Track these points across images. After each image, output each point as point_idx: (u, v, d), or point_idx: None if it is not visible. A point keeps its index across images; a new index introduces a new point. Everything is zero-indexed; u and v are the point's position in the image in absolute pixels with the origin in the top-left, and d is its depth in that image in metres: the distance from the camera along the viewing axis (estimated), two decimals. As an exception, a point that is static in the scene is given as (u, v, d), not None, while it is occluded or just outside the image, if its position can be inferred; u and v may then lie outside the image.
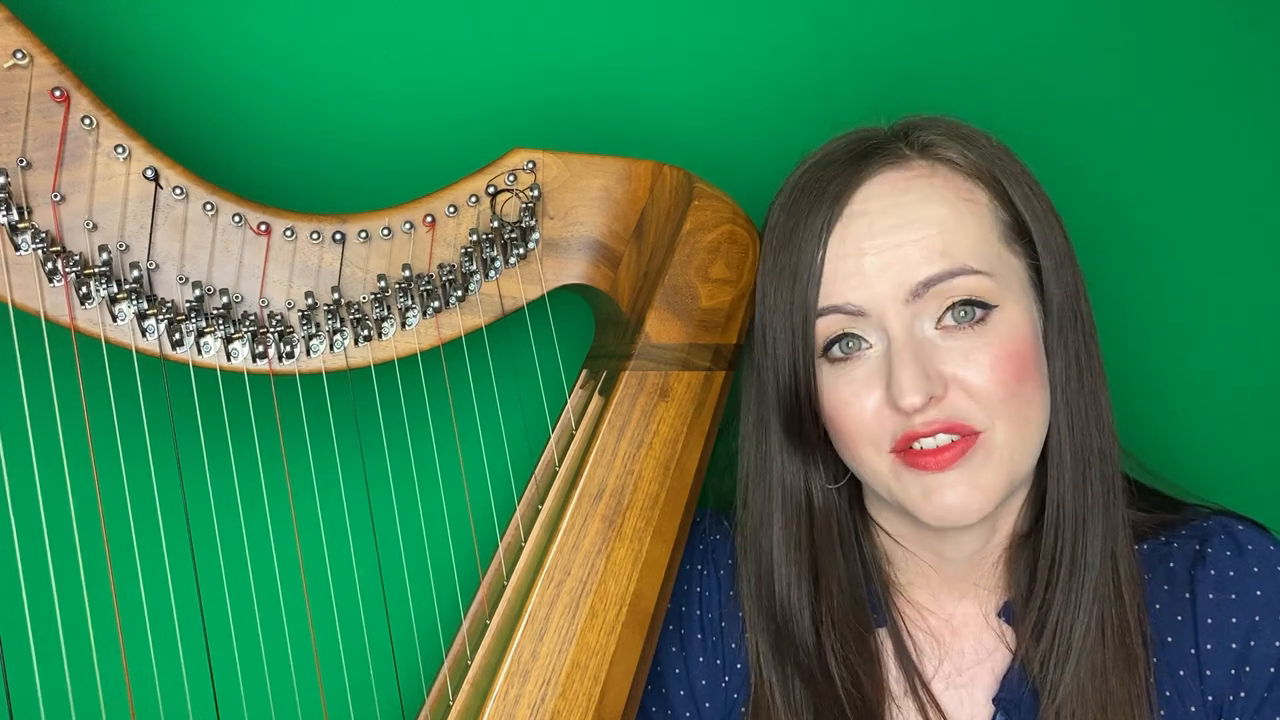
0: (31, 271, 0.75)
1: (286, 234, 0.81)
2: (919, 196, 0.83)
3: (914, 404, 0.80)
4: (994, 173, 0.85)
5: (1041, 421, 0.85)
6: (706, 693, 0.94)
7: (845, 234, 0.83)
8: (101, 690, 0.79)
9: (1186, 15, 1.19)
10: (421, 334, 0.85)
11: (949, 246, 0.82)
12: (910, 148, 0.86)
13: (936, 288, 0.81)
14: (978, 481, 0.81)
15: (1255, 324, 1.22)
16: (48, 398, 0.75)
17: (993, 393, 0.81)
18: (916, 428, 0.81)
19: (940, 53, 1.15)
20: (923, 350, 0.81)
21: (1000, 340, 0.82)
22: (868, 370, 0.83)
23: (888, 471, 0.84)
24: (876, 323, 0.83)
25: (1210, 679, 0.85)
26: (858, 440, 0.84)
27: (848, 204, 0.84)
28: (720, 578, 0.95)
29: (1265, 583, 0.86)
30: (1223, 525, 0.89)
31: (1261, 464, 1.23)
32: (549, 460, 0.93)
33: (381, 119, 1.00)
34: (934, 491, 0.82)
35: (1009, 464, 0.82)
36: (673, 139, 1.07)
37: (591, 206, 0.90)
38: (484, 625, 0.89)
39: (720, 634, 0.94)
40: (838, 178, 0.85)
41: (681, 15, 1.08)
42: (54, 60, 0.74)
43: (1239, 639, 0.85)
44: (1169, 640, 0.87)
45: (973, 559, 0.90)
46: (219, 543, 0.87)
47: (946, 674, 0.90)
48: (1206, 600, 0.86)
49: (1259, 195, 1.22)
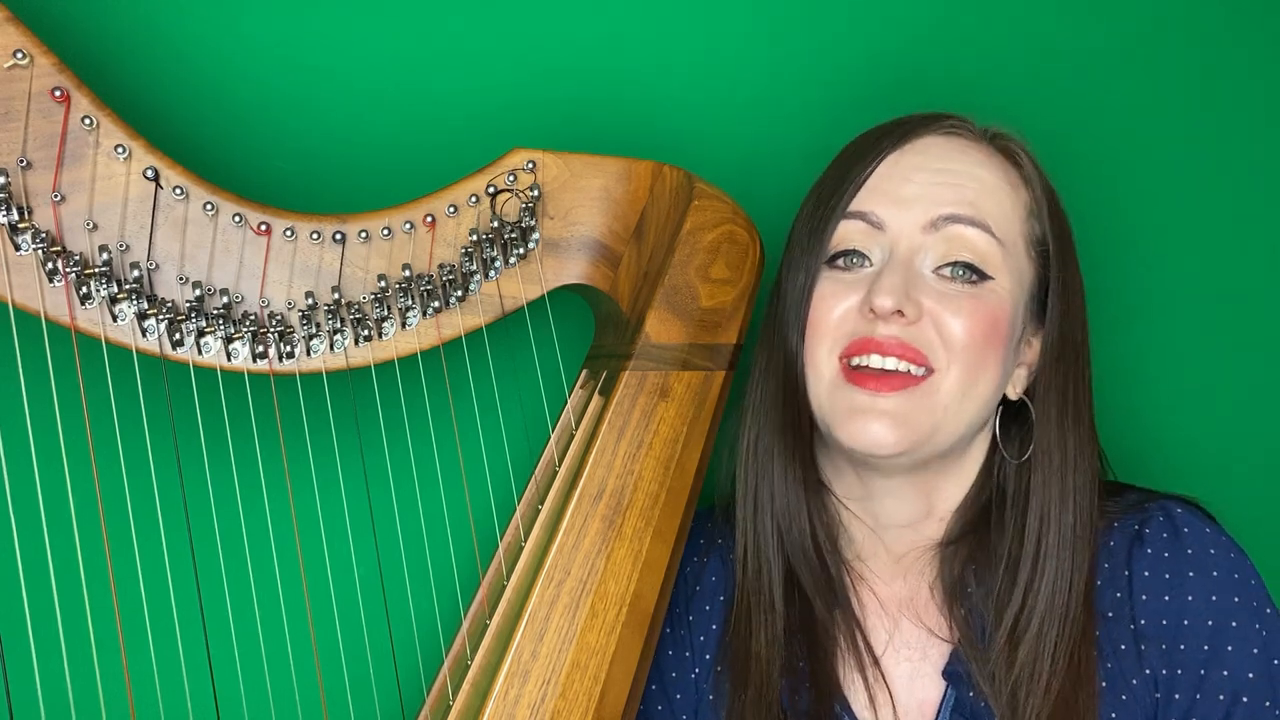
0: (31, 271, 0.75)
1: (286, 234, 0.81)
2: (974, 160, 0.90)
3: (884, 306, 0.84)
4: (1046, 191, 0.92)
5: (986, 395, 0.88)
6: (677, 685, 0.95)
7: (899, 161, 0.89)
8: (101, 690, 0.79)
9: (1191, 17, 1.19)
10: (421, 334, 0.85)
11: (980, 200, 0.88)
12: (985, 138, 0.93)
13: (952, 228, 0.87)
14: (906, 418, 0.85)
15: (1255, 327, 1.22)
16: (48, 398, 0.75)
17: (960, 340, 0.85)
18: (876, 335, 0.85)
19: (942, 54, 1.15)
20: (913, 275, 0.87)
21: (984, 303, 0.87)
22: (857, 277, 0.89)
23: (829, 380, 0.88)
24: (889, 240, 0.88)
25: (1146, 654, 0.87)
26: (818, 333, 0.88)
27: (911, 142, 0.90)
28: (686, 574, 0.97)
29: (1197, 564, 0.87)
30: (1162, 508, 0.91)
31: (1256, 467, 1.23)
32: (549, 460, 0.93)
33: (381, 119, 1.00)
34: (859, 413, 0.85)
35: (940, 415, 0.86)
36: (673, 139, 1.07)
37: (591, 206, 0.90)
38: (484, 625, 0.89)
39: (688, 628, 0.96)
40: (911, 122, 0.92)
41: (682, 16, 1.08)
42: (54, 60, 0.74)
43: (1171, 617, 0.87)
44: (1109, 615, 0.88)
45: (907, 540, 0.93)
46: (219, 543, 0.87)
47: (896, 646, 0.92)
48: (1142, 578, 0.88)
49: (1264, 198, 1.22)
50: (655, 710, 0.95)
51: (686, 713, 0.94)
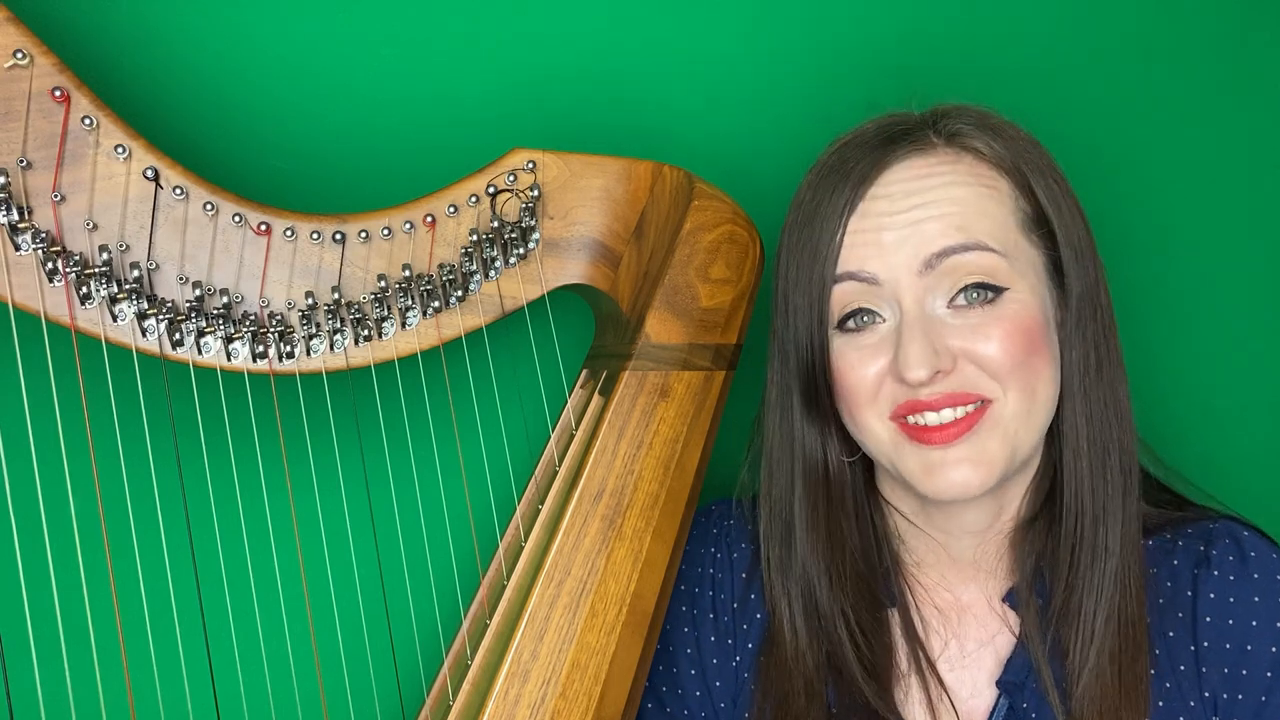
0: (32, 271, 0.75)
1: (286, 234, 0.81)
2: (941, 180, 0.85)
3: (919, 377, 0.81)
4: (1018, 164, 0.87)
5: (1048, 400, 0.86)
6: (717, 671, 0.95)
7: (866, 211, 0.85)
8: (101, 690, 0.79)
9: (1190, 16, 1.19)
10: (421, 334, 0.85)
11: (966, 224, 0.84)
12: (937, 135, 0.87)
13: (950, 260, 0.83)
14: (982, 456, 0.83)
15: (1258, 323, 1.22)
16: (48, 398, 0.75)
17: (1002, 363, 0.83)
18: (921, 397, 0.83)
19: (942, 53, 1.15)
20: (932, 326, 0.83)
21: (1010, 317, 0.83)
22: (877, 339, 0.85)
23: (888, 440, 0.86)
24: (890, 294, 0.84)
25: (1206, 676, 0.86)
26: (859, 402, 0.86)
27: (871, 186, 0.85)
28: (733, 561, 0.96)
29: (1264, 590, 0.86)
30: (1229, 530, 0.90)
31: (1261, 467, 1.23)
32: (549, 460, 0.93)
33: (381, 119, 1.00)
34: (935, 467, 0.83)
35: (1013, 438, 0.84)
36: (673, 139, 1.08)
37: (591, 207, 0.90)
38: (484, 625, 0.89)
39: (732, 614, 0.95)
40: (864, 160, 0.86)
41: (682, 15, 1.08)
42: (54, 60, 0.74)
43: (1234, 641, 0.86)
44: (1170, 635, 0.87)
45: (979, 540, 0.91)
46: (219, 542, 0.87)
47: (951, 655, 0.91)
48: (1207, 600, 0.87)
49: (1263, 195, 1.22)
50: (694, 695, 0.95)
51: (724, 700, 0.94)
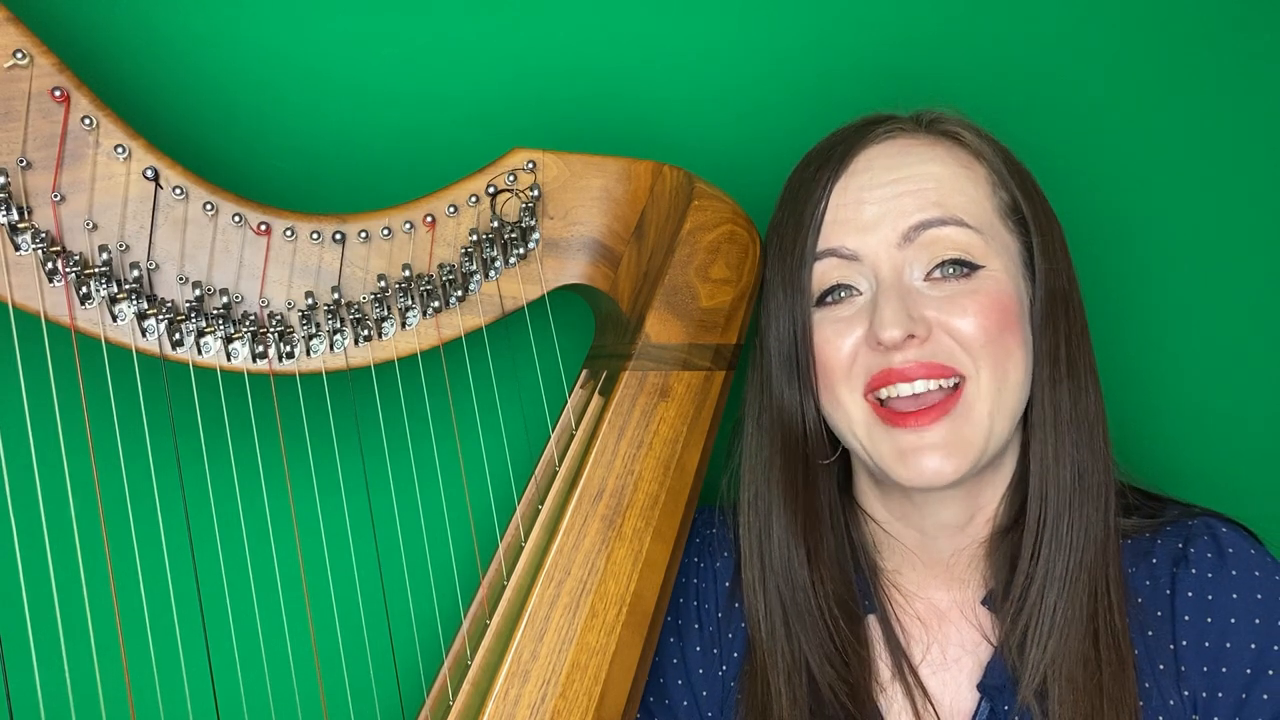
0: (31, 271, 0.75)
1: (286, 234, 0.81)
2: (920, 157, 0.87)
3: (893, 337, 0.82)
4: (995, 156, 0.89)
5: (1019, 385, 0.86)
6: (703, 681, 0.95)
7: (847, 186, 0.88)
8: (101, 690, 0.79)
9: (1189, 16, 1.19)
10: (421, 334, 0.85)
11: (943, 199, 0.86)
12: (919, 125, 0.90)
13: (928, 234, 0.85)
14: (956, 441, 0.83)
15: (1253, 327, 1.22)
16: (48, 398, 0.75)
17: (975, 336, 0.84)
18: (894, 364, 0.83)
19: (941, 53, 1.15)
20: (908, 293, 0.85)
21: (986, 291, 0.85)
22: (854, 310, 0.87)
23: (863, 423, 0.86)
24: (869, 268, 0.86)
25: (1186, 675, 0.86)
26: (834, 376, 0.87)
27: (852, 162, 0.88)
28: (716, 570, 0.96)
29: (1242, 587, 0.86)
30: (1207, 526, 0.90)
31: (1257, 468, 1.22)
32: (549, 460, 0.93)
33: (381, 119, 1.00)
34: (909, 453, 0.84)
35: (986, 422, 0.84)
36: (673, 139, 1.07)
37: (591, 206, 0.90)
38: (484, 625, 0.89)
39: (717, 624, 0.95)
40: (846, 140, 0.90)
41: (682, 15, 1.08)
42: (54, 60, 0.74)
43: (1213, 639, 0.86)
44: (1149, 634, 0.87)
45: (955, 543, 0.92)
46: (219, 542, 0.87)
47: (933, 660, 0.91)
48: (1185, 598, 0.87)
49: (1260, 198, 1.22)
50: (681, 706, 0.95)
51: (712, 709, 0.94)
